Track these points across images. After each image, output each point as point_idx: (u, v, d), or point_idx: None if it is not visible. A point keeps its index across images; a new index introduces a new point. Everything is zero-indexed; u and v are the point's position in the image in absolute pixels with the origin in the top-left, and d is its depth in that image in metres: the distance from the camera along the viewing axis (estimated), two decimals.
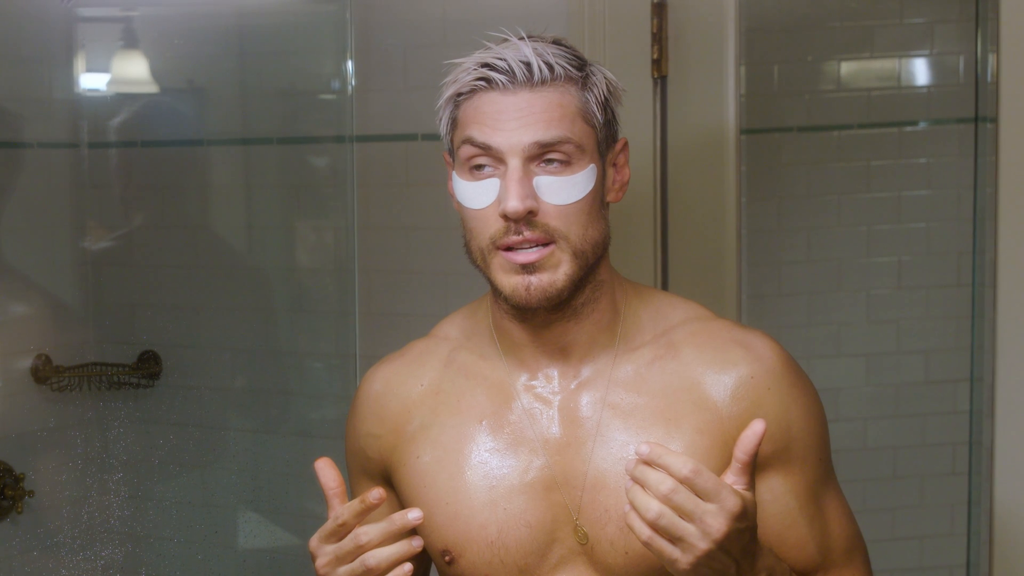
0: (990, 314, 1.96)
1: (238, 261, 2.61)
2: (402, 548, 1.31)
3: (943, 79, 2.81)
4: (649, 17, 2.10)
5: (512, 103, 1.32)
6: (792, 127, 2.83)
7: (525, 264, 1.33)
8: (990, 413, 1.96)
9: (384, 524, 1.31)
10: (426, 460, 1.43)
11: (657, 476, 1.19)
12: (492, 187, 1.33)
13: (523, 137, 1.31)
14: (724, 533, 1.19)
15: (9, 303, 2.42)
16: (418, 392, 1.48)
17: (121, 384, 2.54)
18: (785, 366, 1.41)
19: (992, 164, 1.95)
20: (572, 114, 1.34)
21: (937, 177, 2.82)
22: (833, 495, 1.43)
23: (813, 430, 1.41)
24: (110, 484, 2.52)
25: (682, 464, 1.18)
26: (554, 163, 1.33)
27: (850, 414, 2.83)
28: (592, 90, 1.36)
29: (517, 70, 1.32)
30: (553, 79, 1.33)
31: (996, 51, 1.92)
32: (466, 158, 1.35)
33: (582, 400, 1.41)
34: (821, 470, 1.42)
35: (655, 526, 1.20)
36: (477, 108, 1.34)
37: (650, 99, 2.11)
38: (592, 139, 1.36)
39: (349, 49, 2.40)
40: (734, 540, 1.20)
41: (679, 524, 1.19)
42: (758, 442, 1.22)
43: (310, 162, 2.57)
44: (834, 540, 1.41)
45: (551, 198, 1.32)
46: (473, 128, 1.34)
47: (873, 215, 2.83)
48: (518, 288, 1.34)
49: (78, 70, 2.55)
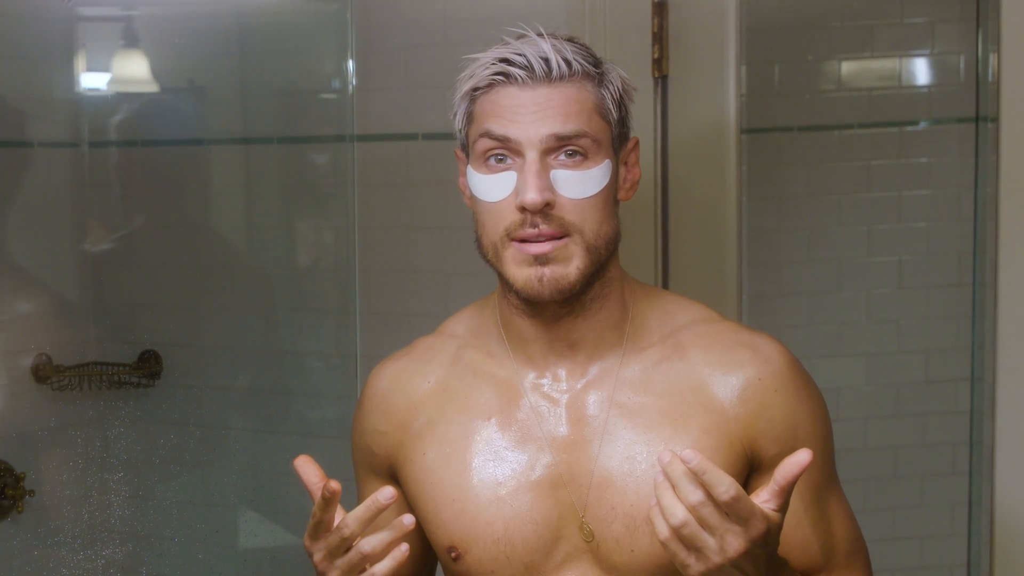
0: (991, 314, 1.96)
1: (239, 260, 2.61)
2: (395, 529, 1.30)
3: (944, 79, 2.81)
4: (650, 16, 2.10)
5: (530, 97, 1.32)
6: (793, 127, 2.83)
7: (538, 255, 1.33)
8: (991, 413, 1.96)
9: (361, 510, 1.29)
10: (432, 457, 1.44)
11: (690, 485, 1.18)
12: (509, 180, 1.34)
13: (541, 129, 1.32)
14: (741, 553, 1.19)
15: (10, 302, 2.42)
16: (425, 389, 1.48)
17: (122, 383, 2.54)
18: (792, 369, 1.41)
19: (993, 164, 1.95)
20: (589, 109, 1.34)
21: (938, 177, 2.82)
22: (837, 498, 1.44)
23: (819, 433, 1.41)
24: (111, 483, 2.52)
25: (726, 489, 1.17)
26: (571, 157, 1.33)
27: (851, 414, 2.83)
28: (608, 87, 1.37)
29: (536, 65, 1.32)
30: (571, 75, 1.34)
31: (997, 51, 1.92)
32: (483, 151, 1.35)
33: (589, 399, 1.42)
34: (826, 473, 1.42)
35: (677, 531, 1.20)
36: (495, 102, 1.34)
37: (651, 98, 2.11)
38: (608, 135, 1.37)
39: (350, 48, 2.39)
40: (749, 560, 1.20)
41: (700, 536, 1.19)
42: (800, 472, 1.20)
43: (311, 161, 2.57)
44: (837, 542, 1.42)
45: (567, 191, 1.33)
46: (491, 121, 1.34)
47: (874, 215, 2.83)
48: (531, 279, 1.34)
49: (79, 69, 2.55)
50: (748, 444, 1.39)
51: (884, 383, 2.86)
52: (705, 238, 2.09)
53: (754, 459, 1.40)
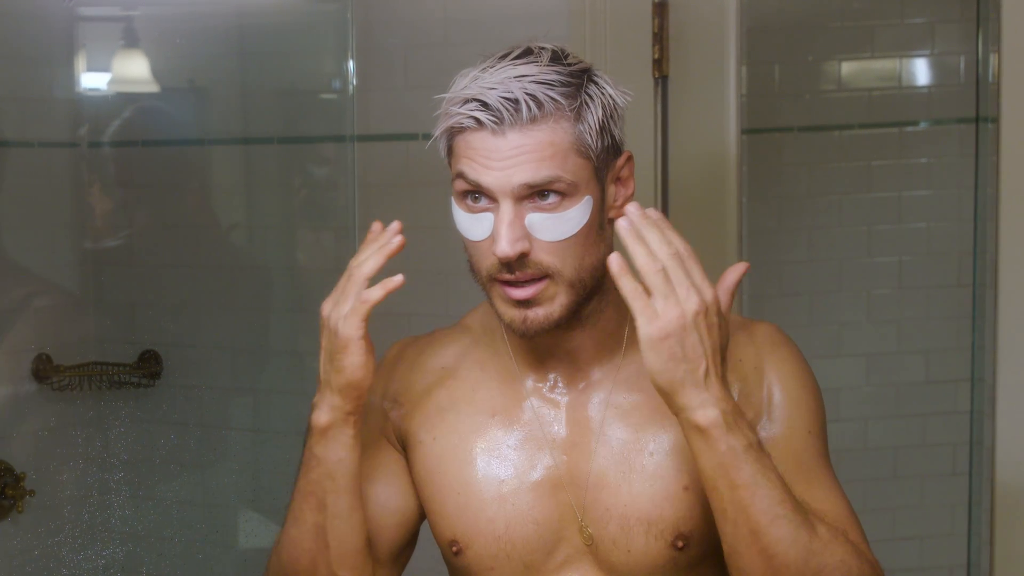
0: (991, 314, 1.96)
1: (239, 261, 2.61)
2: (385, 248, 1.35)
3: (944, 79, 2.81)
4: (650, 17, 2.10)
5: (501, 144, 1.29)
6: (793, 127, 2.84)
7: (520, 300, 1.33)
8: (991, 413, 1.96)
9: (370, 248, 1.35)
10: (440, 445, 1.45)
11: (660, 238, 1.23)
12: (487, 221, 1.33)
13: (512, 179, 1.30)
14: (696, 312, 1.21)
15: (10, 302, 2.42)
16: (438, 375, 1.49)
17: (122, 383, 2.54)
18: (776, 346, 1.42)
19: (993, 164, 1.95)
20: (564, 151, 1.31)
21: (938, 177, 2.82)
22: (822, 477, 1.40)
23: (801, 401, 1.40)
24: (111, 483, 2.52)
25: (683, 245, 1.24)
26: (547, 199, 1.31)
27: (851, 414, 2.83)
28: (586, 120, 1.32)
29: (504, 111, 1.28)
30: (543, 116, 1.29)
31: (997, 51, 1.92)
32: (461, 191, 1.35)
33: (588, 402, 1.43)
34: (812, 451, 1.40)
35: (652, 275, 1.22)
36: (468, 144, 1.32)
37: (651, 99, 2.11)
38: (587, 170, 1.33)
39: (350, 49, 2.40)
40: (706, 328, 1.22)
41: (671, 281, 1.22)
42: (738, 277, 1.30)
43: (311, 162, 2.57)
44: (817, 513, 1.37)
45: (543, 235, 1.31)
46: (464, 164, 1.32)
47: (874, 215, 2.83)
48: (515, 320, 1.35)
49: (79, 69, 2.55)
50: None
51: (884, 383, 2.86)
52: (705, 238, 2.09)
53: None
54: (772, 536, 1.24)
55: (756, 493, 1.24)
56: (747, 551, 1.26)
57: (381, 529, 1.45)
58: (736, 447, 1.23)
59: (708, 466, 1.24)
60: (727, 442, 1.23)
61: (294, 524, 1.41)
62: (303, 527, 1.40)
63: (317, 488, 1.38)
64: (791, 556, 1.25)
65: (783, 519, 1.24)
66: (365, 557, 1.42)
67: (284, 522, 1.43)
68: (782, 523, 1.24)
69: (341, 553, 1.39)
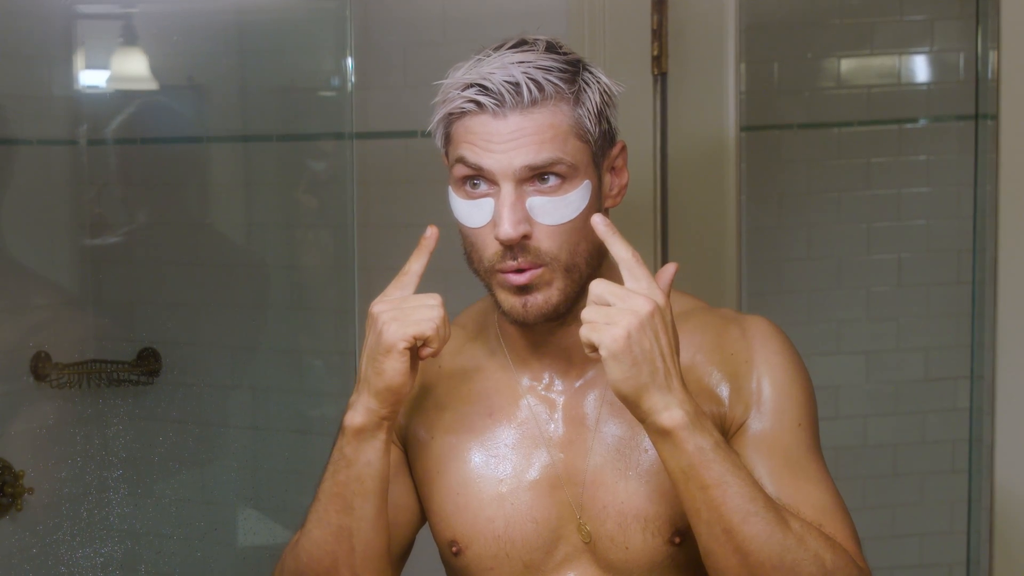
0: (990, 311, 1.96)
1: (238, 258, 2.61)
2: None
3: (943, 76, 2.81)
4: (649, 14, 2.10)
5: (502, 126, 1.31)
6: (792, 124, 2.83)
7: (519, 287, 1.34)
8: (990, 410, 1.96)
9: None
10: (439, 443, 1.45)
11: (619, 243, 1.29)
12: (487, 206, 1.33)
13: (514, 160, 1.31)
14: (650, 312, 1.23)
15: (9, 300, 2.42)
16: (436, 372, 1.49)
17: (121, 381, 2.54)
18: (766, 334, 1.42)
19: (992, 161, 1.95)
20: (564, 133, 1.32)
21: (937, 174, 2.82)
22: (809, 472, 1.38)
23: (791, 394, 1.40)
24: (109, 481, 2.52)
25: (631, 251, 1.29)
26: (547, 183, 1.32)
27: (850, 411, 2.83)
28: (585, 104, 1.34)
29: (506, 94, 1.30)
30: (544, 99, 1.31)
31: (997, 48, 1.92)
32: (460, 176, 1.35)
33: (583, 400, 1.43)
34: (801, 444, 1.39)
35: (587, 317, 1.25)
36: (468, 129, 1.33)
37: (650, 96, 2.11)
38: (586, 154, 1.35)
39: (349, 46, 2.39)
40: (662, 328, 1.24)
41: (605, 306, 1.25)
42: (670, 277, 1.31)
43: (310, 159, 2.57)
44: (801, 508, 1.35)
45: (544, 218, 1.32)
46: (464, 148, 1.33)
47: (873, 212, 2.83)
48: (515, 306, 1.36)
49: (78, 67, 2.55)
50: (722, 415, 1.39)
51: (883, 381, 2.86)
52: (705, 236, 2.09)
53: (724, 425, 1.39)
54: (745, 533, 1.25)
55: (727, 492, 1.24)
56: (722, 550, 1.26)
57: (393, 527, 1.45)
58: (704, 446, 1.24)
59: (677, 468, 1.25)
60: (695, 442, 1.24)
61: (318, 525, 1.39)
62: (327, 529, 1.38)
63: (344, 490, 1.36)
64: (765, 553, 1.25)
65: (755, 516, 1.25)
66: (388, 561, 1.41)
67: (306, 522, 1.41)
68: (755, 520, 1.25)
69: (366, 557, 1.38)
